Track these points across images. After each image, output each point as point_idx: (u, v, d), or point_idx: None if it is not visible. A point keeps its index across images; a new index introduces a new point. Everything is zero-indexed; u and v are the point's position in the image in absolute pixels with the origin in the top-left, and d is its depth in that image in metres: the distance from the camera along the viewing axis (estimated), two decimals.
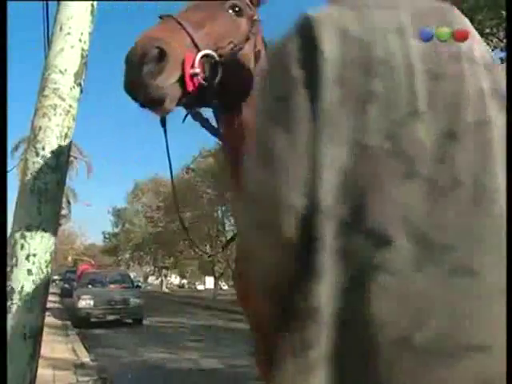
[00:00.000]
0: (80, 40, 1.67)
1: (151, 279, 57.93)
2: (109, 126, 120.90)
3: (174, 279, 61.69)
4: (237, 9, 1.45)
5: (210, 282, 54.24)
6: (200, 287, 55.08)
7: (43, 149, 1.58)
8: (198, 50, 1.24)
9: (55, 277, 36.81)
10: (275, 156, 0.71)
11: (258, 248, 0.77)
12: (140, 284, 38.94)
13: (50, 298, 20.06)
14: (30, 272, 1.54)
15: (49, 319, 11.56)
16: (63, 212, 24.17)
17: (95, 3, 1.75)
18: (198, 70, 1.23)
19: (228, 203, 24.85)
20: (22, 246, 1.54)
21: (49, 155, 1.58)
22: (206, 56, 1.26)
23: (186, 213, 29.92)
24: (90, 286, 13.60)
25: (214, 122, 1.47)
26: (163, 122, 1.37)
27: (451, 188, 0.69)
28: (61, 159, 1.61)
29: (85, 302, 12.17)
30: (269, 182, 0.71)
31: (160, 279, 48.24)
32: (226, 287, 37.90)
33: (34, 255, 1.55)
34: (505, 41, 11.04)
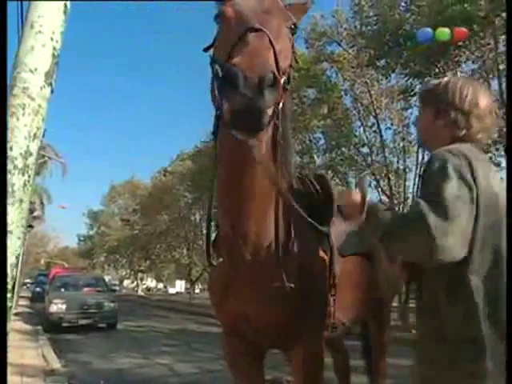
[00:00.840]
0: (52, 39, 1.64)
1: (127, 283, 57.05)
2: (85, 127, 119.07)
3: (150, 283, 60.93)
4: (293, 26, 1.48)
5: (180, 285, 54.24)
6: (171, 290, 54.91)
7: (11, 149, 1.54)
8: (280, 74, 1.23)
9: (27, 280, 35.82)
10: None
11: None
12: (117, 288, 38.32)
13: (21, 302, 19.49)
14: None
15: (18, 324, 11.21)
16: (36, 213, 23.49)
17: (68, 3, 1.72)
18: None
19: (205, 206, 24.67)
20: None
21: (16, 156, 1.54)
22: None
23: (163, 215, 29.62)
24: (62, 290, 13.24)
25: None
26: (216, 135, 1.46)
27: None
28: (29, 160, 1.57)
29: (57, 307, 11.84)
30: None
31: (136, 283, 47.52)
32: (197, 291, 37.63)
33: None
34: (476, 53, 11.41)
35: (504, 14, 9.71)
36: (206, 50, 1.57)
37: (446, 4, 9.77)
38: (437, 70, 11.63)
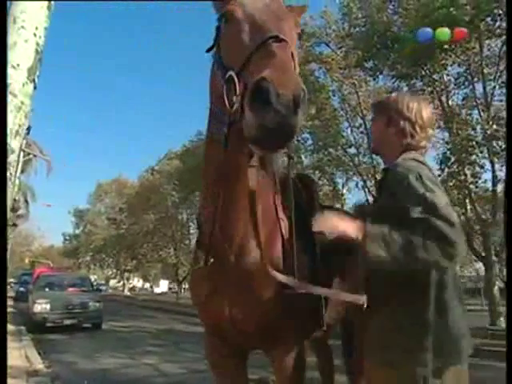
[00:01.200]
0: (35, 34, 1.61)
1: (113, 282, 56.57)
2: (72, 124, 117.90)
3: (137, 282, 60.54)
4: (300, 31, 1.48)
5: (164, 285, 54.36)
6: (157, 290, 54.95)
7: None
8: None
9: (10, 280, 35.22)
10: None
11: None
12: (103, 288, 37.80)
13: None
14: None
15: None
16: (21, 212, 23.11)
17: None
18: None
19: (193, 206, 24.59)
20: None
21: None
22: None
23: (150, 215, 29.40)
24: (47, 290, 13.02)
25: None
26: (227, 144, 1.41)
27: None
28: (10, 158, 1.54)
29: (40, 307, 11.65)
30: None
31: (122, 282, 47.11)
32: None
33: None
34: (461, 57, 11.57)
35: (489, 19, 9.89)
36: (208, 50, 1.54)
37: (432, 8, 9.91)
38: (423, 73, 11.77)
